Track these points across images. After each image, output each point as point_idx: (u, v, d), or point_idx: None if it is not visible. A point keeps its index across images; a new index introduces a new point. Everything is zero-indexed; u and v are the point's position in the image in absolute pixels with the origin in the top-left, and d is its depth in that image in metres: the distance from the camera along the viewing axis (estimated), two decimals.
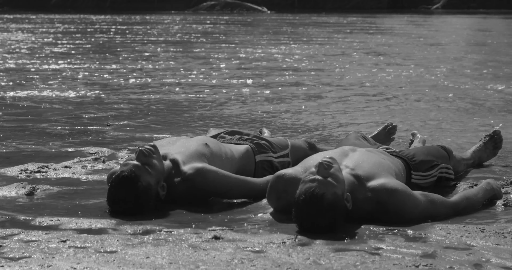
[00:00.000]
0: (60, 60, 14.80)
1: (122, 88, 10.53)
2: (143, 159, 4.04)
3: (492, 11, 50.14)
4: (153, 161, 4.06)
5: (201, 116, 8.03)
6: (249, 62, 14.62)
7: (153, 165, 4.05)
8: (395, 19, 38.86)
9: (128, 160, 4.06)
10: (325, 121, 7.74)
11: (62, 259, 3.25)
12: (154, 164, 4.07)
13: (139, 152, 4.04)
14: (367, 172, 3.94)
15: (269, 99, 9.43)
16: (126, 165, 4.03)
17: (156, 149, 4.14)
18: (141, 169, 4.01)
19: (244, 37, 23.31)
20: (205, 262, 3.22)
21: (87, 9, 53.89)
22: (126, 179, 3.96)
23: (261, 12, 52.45)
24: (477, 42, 21.29)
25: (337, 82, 11.29)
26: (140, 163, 4.02)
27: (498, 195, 4.35)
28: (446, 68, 13.40)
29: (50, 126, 7.19)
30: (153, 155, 4.07)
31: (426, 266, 3.18)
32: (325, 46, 18.88)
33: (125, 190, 3.96)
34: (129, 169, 3.99)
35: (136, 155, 4.05)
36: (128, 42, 20.50)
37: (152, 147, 4.11)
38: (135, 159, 4.04)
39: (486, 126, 7.28)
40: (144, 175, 4.01)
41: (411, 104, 8.98)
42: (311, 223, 3.62)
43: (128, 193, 3.96)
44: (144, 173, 4.01)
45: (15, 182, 4.68)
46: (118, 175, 3.99)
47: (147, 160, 4.04)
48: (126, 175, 3.97)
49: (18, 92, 9.94)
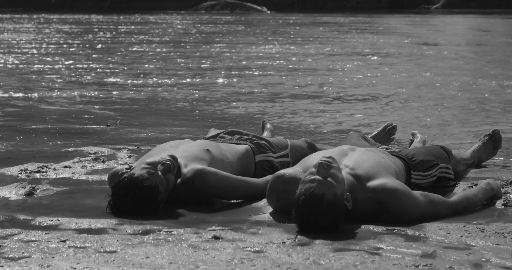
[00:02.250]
0: (60, 60, 14.80)
1: (122, 88, 10.53)
2: (169, 174, 4.12)
3: (492, 11, 50.13)
4: (171, 176, 4.14)
5: (201, 116, 8.03)
6: (249, 62, 14.61)
7: (170, 180, 4.13)
8: (394, 19, 38.85)
9: (155, 170, 4.08)
10: (325, 121, 7.75)
11: (62, 259, 3.25)
12: (171, 179, 4.14)
13: (168, 166, 4.10)
14: (367, 172, 3.94)
15: (268, 99, 9.43)
16: (143, 170, 4.05)
17: (176, 161, 4.19)
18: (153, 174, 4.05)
19: (244, 37, 23.30)
20: (205, 262, 3.22)
21: (86, 9, 53.87)
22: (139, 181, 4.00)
23: (261, 12, 52.44)
24: (477, 42, 21.29)
25: (337, 82, 11.29)
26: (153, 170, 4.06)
27: (498, 195, 4.34)
28: (446, 68, 13.40)
29: (50, 126, 7.19)
30: (174, 172, 4.15)
31: (426, 266, 3.18)
32: (325, 46, 18.87)
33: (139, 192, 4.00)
34: (141, 173, 4.02)
35: (165, 168, 4.10)
36: (128, 42, 20.50)
37: (173, 159, 4.17)
38: (164, 171, 4.09)
39: (486, 126, 7.28)
40: (153, 178, 4.03)
41: (410, 104, 8.98)
42: (311, 223, 3.62)
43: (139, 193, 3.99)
44: (154, 176, 4.05)
45: (14, 182, 4.69)
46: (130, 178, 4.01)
47: (171, 174, 4.13)
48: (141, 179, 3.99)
49: (18, 92, 9.94)
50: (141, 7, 55.62)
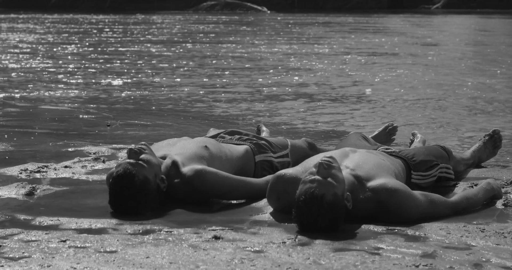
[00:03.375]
0: (60, 60, 14.80)
1: (122, 88, 10.53)
2: (134, 156, 4.05)
3: (492, 11, 50.12)
4: (145, 156, 4.07)
5: (201, 116, 8.03)
6: (249, 62, 14.61)
7: (146, 159, 4.06)
8: (395, 19, 38.84)
9: (121, 161, 4.09)
10: (325, 121, 7.75)
11: (62, 259, 3.25)
12: (147, 158, 4.07)
13: (129, 151, 4.07)
14: (367, 173, 3.94)
15: (268, 98, 9.43)
16: (120, 165, 4.04)
17: (147, 145, 4.16)
18: (134, 164, 4.01)
19: (243, 36, 23.30)
20: (205, 262, 3.22)
21: (87, 9, 53.87)
22: (122, 177, 3.97)
23: (261, 12, 52.44)
24: (477, 42, 21.29)
25: (337, 81, 11.29)
26: (133, 160, 4.03)
27: (498, 195, 4.34)
28: (446, 67, 13.40)
29: (50, 126, 7.19)
30: (144, 151, 4.08)
31: (426, 266, 3.18)
32: (325, 46, 18.87)
33: (123, 187, 3.96)
34: (123, 167, 4.01)
35: (127, 155, 4.07)
36: (128, 42, 20.50)
37: (143, 145, 4.12)
38: (127, 159, 4.06)
39: (486, 126, 7.28)
40: (139, 170, 4.01)
41: (410, 104, 8.98)
42: (312, 223, 3.62)
43: (127, 189, 3.96)
44: (138, 167, 4.01)
45: (15, 182, 4.68)
46: (114, 176, 4.00)
47: (138, 156, 4.05)
48: (121, 173, 3.98)
49: (18, 92, 9.94)
50: (141, 7, 55.60)
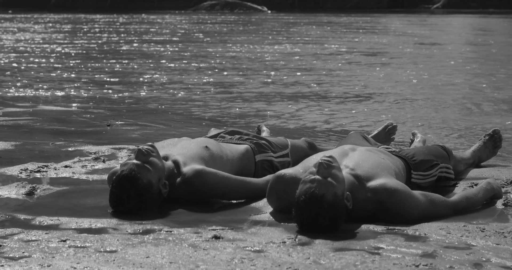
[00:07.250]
0: (60, 60, 14.80)
1: (122, 88, 10.53)
2: (142, 158, 4.04)
3: (492, 11, 50.12)
4: (152, 160, 4.07)
5: (201, 116, 8.03)
6: (249, 62, 14.61)
7: (153, 163, 4.06)
8: (395, 19, 38.84)
9: (128, 160, 4.07)
10: (325, 120, 7.74)
11: (62, 259, 3.25)
12: (154, 162, 4.07)
13: (138, 151, 4.05)
14: (367, 172, 3.94)
15: (268, 98, 9.42)
16: (126, 165, 4.04)
17: (155, 148, 4.15)
18: (141, 167, 4.01)
19: (243, 36, 23.30)
20: (205, 262, 3.22)
21: (87, 9, 53.87)
22: (126, 178, 3.97)
23: (261, 12, 52.44)
24: (477, 42, 21.29)
25: (337, 81, 11.28)
26: (140, 162, 4.03)
27: (498, 195, 4.34)
28: (446, 67, 13.40)
29: (50, 126, 7.19)
30: (152, 154, 4.08)
31: (426, 265, 3.18)
32: (325, 46, 18.87)
33: (126, 189, 3.96)
34: (129, 168, 4.00)
35: (135, 155, 4.06)
36: (128, 42, 20.50)
37: (151, 147, 4.12)
38: (134, 159, 4.05)
39: (486, 126, 7.28)
40: (145, 173, 4.01)
41: (410, 104, 8.98)
42: (312, 223, 3.61)
43: (130, 191, 3.96)
44: (144, 171, 4.01)
45: (15, 182, 4.69)
46: (119, 175, 4.00)
47: (146, 159, 4.05)
48: (126, 174, 3.97)
49: (18, 91, 9.94)
50: (141, 7, 55.64)
